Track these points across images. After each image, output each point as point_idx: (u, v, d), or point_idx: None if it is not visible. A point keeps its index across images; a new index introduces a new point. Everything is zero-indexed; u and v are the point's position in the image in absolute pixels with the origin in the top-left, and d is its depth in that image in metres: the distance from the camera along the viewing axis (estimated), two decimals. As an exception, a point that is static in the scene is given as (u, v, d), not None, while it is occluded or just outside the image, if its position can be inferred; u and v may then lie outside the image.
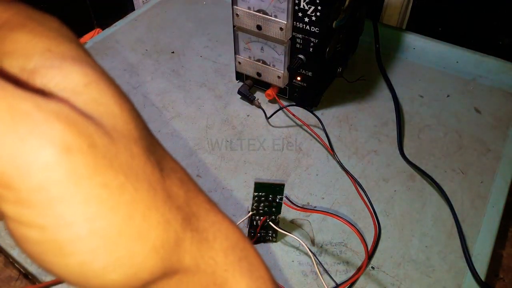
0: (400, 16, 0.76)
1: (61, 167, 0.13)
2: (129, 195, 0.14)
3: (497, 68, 0.66)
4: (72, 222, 0.13)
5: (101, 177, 0.13)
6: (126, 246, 0.14)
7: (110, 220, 0.14)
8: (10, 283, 0.51)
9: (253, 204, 0.42)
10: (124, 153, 0.14)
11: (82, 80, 0.14)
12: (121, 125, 0.15)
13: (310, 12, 0.49)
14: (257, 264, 0.19)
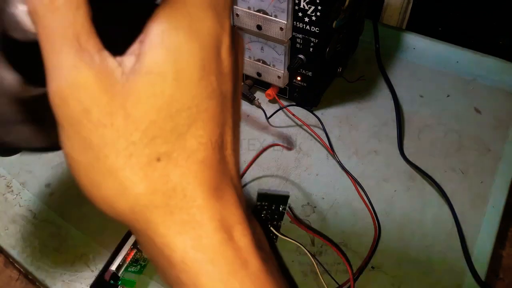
0: (400, 16, 0.76)
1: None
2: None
3: (497, 68, 0.66)
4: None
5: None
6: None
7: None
8: (10, 283, 0.51)
9: (254, 211, 0.42)
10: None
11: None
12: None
13: (310, 12, 0.49)
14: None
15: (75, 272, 0.44)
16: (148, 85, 0.16)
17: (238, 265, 0.18)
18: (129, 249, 0.41)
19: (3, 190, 0.52)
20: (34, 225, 0.48)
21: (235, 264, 0.18)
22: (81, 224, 0.48)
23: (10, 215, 0.49)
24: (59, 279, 0.43)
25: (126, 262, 0.41)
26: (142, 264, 0.41)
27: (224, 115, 0.18)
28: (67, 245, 0.46)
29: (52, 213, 0.49)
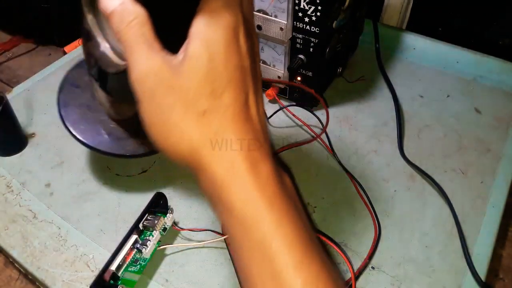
0: (400, 16, 0.76)
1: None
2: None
3: (497, 68, 0.66)
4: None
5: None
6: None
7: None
8: (10, 283, 0.51)
9: None
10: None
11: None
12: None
13: (310, 12, 0.49)
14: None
15: (75, 272, 0.44)
16: (192, 65, 0.25)
17: (258, 186, 0.25)
18: (129, 249, 0.41)
19: (3, 190, 0.52)
20: (34, 225, 0.48)
21: (255, 184, 0.25)
22: (81, 224, 0.48)
23: (10, 215, 0.49)
24: (59, 279, 0.43)
25: (126, 262, 0.41)
26: (142, 264, 0.41)
27: (246, 83, 0.26)
28: (67, 245, 0.46)
29: (52, 213, 0.49)
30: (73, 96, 0.46)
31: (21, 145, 0.57)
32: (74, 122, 0.44)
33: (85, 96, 0.46)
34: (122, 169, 0.54)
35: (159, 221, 0.43)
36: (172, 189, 0.52)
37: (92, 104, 0.45)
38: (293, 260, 0.24)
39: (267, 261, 0.24)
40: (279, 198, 0.26)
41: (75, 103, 0.46)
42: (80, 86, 0.47)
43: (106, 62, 0.37)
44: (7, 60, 0.89)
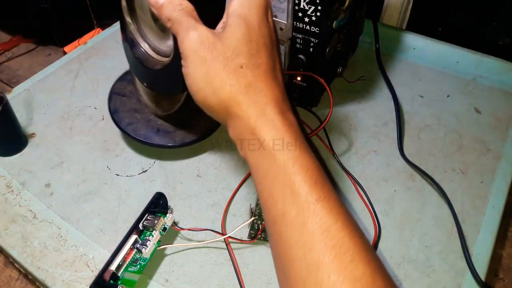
0: (400, 16, 0.76)
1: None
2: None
3: (497, 68, 0.66)
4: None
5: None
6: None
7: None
8: (10, 283, 0.51)
9: (256, 210, 0.42)
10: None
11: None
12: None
13: (310, 12, 0.49)
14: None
15: (75, 272, 0.44)
16: (232, 31, 0.32)
17: (285, 127, 0.31)
18: (129, 249, 0.41)
19: (3, 190, 0.52)
20: (34, 225, 0.48)
21: (283, 126, 0.31)
22: (81, 224, 0.48)
23: (10, 215, 0.49)
24: (59, 279, 0.43)
25: (125, 262, 0.41)
26: (142, 264, 0.41)
27: (274, 52, 0.34)
28: (67, 245, 0.46)
29: (52, 213, 0.49)
30: (120, 103, 0.55)
31: (21, 145, 0.57)
32: (127, 124, 0.53)
33: (131, 102, 0.55)
34: (122, 169, 0.54)
35: (159, 221, 0.43)
36: (172, 189, 0.52)
37: (138, 107, 0.55)
38: (310, 180, 0.29)
39: (287, 182, 0.29)
40: (300, 138, 0.32)
41: (123, 109, 0.54)
42: (125, 95, 0.56)
43: (151, 61, 0.47)
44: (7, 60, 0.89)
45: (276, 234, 0.30)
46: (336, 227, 0.28)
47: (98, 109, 0.62)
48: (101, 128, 0.59)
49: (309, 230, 0.28)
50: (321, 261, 0.26)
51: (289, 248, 0.28)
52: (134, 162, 0.55)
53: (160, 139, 0.52)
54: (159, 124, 0.54)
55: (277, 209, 0.29)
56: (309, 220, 0.28)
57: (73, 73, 0.69)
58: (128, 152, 0.56)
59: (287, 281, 0.28)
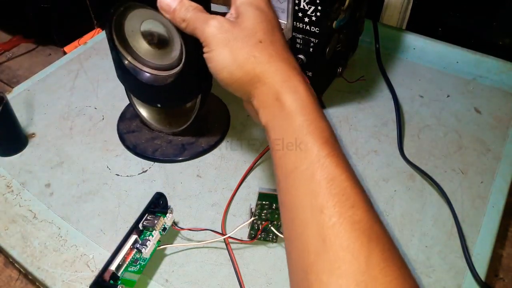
0: (400, 16, 0.76)
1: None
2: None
3: (497, 68, 0.66)
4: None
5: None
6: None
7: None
8: (10, 283, 0.51)
9: (256, 210, 0.42)
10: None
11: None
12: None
13: (310, 12, 0.49)
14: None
15: (75, 272, 0.44)
16: (246, 14, 0.36)
17: (307, 92, 0.34)
18: (129, 249, 0.41)
19: (3, 190, 0.52)
20: (34, 225, 0.48)
21: (306, 91, 0.34)
22: (81, 224, 0.48)
23: (10, 215, 0.49)
24: (59, 279, 0.43)
25: (125, 262, 0.41)
26: (142, 264, 0.41)
27: (281, 31, 0.38)
28: (67, 245, 0.46)
29: (52, 213, 0.49)
30: (135, 138, 0.57)
31: (21, 145, 0.57)
32: (152, 152, 0.55)
33: (144, 134, 0.58)
34: (122, 169, 0.54)
35: (159, 221, 0.43)
36: (172, 189, 0.52)
37: (154, 135, 0.57)
38: (322, 139, 0.32)
39: (303, 139, 0.32)
40: (316, 103, 0.34)
41: (141, 142, 0.57)
42: (134, 130, 0.59)
43: (160, 79, 0.49)
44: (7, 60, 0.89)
45: (286, 187, 0.32)
46: (341, 178, 0.30)
47: (98, 109, 0.62)
48: (101, 128, 0.59)
49: (317, 180, 0.30)
50: (324, 206, 0.29)
51: (297, 197, 0.31)
52: (134, 162, 0.55)
53: (190, 152, 0.55)
54: (180, 140, 0.57)
55: (291, 163, 0.32)
56: (318, 172, 0.30)
57: (73, 73, 0.69)
58: (128, 152, 0.56)
59: (292, 226, 0.31)
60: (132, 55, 0.49)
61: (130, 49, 0.49)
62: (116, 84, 0.65)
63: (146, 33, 0.47)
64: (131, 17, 0.46)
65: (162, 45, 0.47)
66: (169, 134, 0.57)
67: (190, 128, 0.55)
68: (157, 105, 0.52)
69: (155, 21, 0.45)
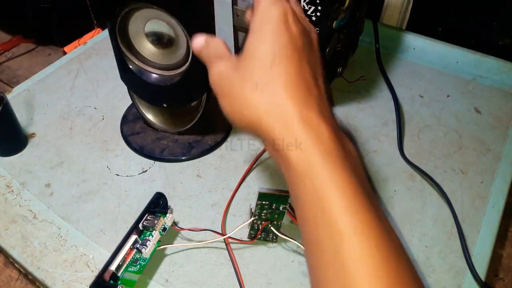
0: (400, 16, 0.76)
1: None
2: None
3: (497, 68, 0.66)
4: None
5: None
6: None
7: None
8: (10, 283, 0.51)
9: (256, 210, 0.42)
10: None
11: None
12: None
13: (310, 12, 0.49)
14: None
15: (75, 272, 0.44)
16: (246, 52, 0.31)
17: (313, 141, 0.29)
18: (129, 249, 0.41)
19: (3, 190, 0.52)
20: (34, 225, 0.48)
21: (309, 140, 0.29)
22: (81, 224, 0.48)
23: (10, 215, 0.49)
24: (59, 279, 0.43)
25: (125, 262, 0.41)
26: (142, 264, 0.41)
27: (300, 58, 0.31)
28: (67, 245, 0.46)
29: (52, 213, 0.49)
30: (141, 140, 0.57)
31: (21, 145, 0.57)
32: (160, 152, 0.55)
33: (149, 135, 0.58)
34: (122, 169, 0.54)
35: (159, 221, 0.43)
36: (172, 189, 0.52)
37: (159, 135, 0.57)
38: (345, 202, 0.27)
39: (319, 205, 0.27)
40: (335, 154, 0.28)
41: (147, 143, 0.57)
42: (139, 132, 0.58)
43: (167, 79, 0.49)
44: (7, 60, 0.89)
45: (310, 257, 0.29)
46: (375, 260, 0.26)
47: (98, 109, 0.62)
48: (101, 128, 0.59)
49: (344, 261, 0.26)
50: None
51: (323, 270, 0.27)
52: (134, 162, 0.55)
53: (198, 149, 0.56)
54: (186, 139, 0.57)
55: (311, 234, 0.28)
56: (345, 251, 0.26)
57: (73, 73, 0.69)
58: (128, 152, 0.56)
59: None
60: (137, 56, 0.49)
61: (135, 50, 0.49)
62: (116, 84, 0.65)
63: (151, 33, 0.47)
64: (135, 18, 0.46)
65: (168, 45, 0.47)
66: (174, 133, 0.57)
67: (195, 127, 0.55)
68: (163, 105, 0.52)
69: (159, 21, 0.45)
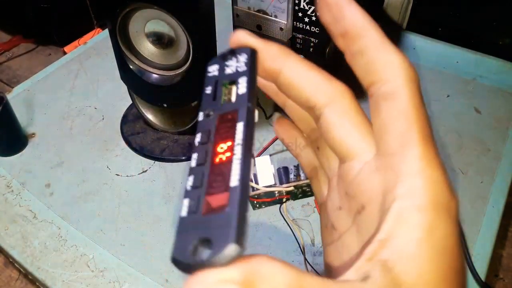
0: (400, 16, 0.76)
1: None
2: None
3: (497, 68, 0.66)
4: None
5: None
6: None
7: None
8: (10, 283, 0.51)
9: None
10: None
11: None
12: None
13: (310, 12, 0.49)
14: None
15: (75, 272, 0.44)
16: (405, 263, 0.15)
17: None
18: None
19: (3, 190, 0.52)
20: (34, 225, 0.48)
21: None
22: (81, 224, 0.48)
23: (10, 215, 0.49)
24: (59, 279, 0.43)
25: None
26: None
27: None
28: (67, 245, 0.46)
29: (52, 213, 0.49)
30: (141, 140, 0.57)
31: (21, 145, 0.57)
32: (160, 152, 0.55)
33: (149, 135, 0.57)
34: (122, 169, 0.54)
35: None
36: (172, 189, 0.52)
37: (159, 135, 0.57)
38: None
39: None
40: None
41: (147, 143, 0.57)
42: (139, 132, 0.58)
43: (167, 79, 0.48)
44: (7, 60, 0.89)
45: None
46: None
47: (98, 109, 0.62)
48: (101, 128, 0.59)
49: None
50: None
51: None
52: (134, 162, 0.55)
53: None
54: (186, 139, 0.57)
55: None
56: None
57: (73, 73, 0.69)
58: (128, 152, 0.56)
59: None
60: (137, 56, 0.49)
61: (135, 50, 0.49)
62: (116, 84, 0.64)
63: (151, 33, 0.47)
64: (136, 18, 0.46)
65: (168, 45, 0.47)
66: (174, 133, 0.57)
67: (195, 127, 0.55)
68: (163, 105, 0.52)
69: (160, 21, 0.45)
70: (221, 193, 0.15)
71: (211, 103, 0.18)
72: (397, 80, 0.18)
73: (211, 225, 0.14)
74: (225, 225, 0.14)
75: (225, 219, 0.14)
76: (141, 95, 0.54)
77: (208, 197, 0.15)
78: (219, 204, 0.15)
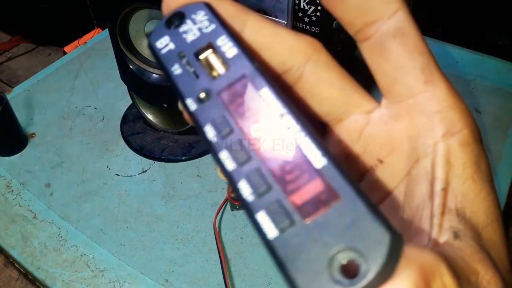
0: (400, 16, 0.76)
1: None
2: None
3: (497, 68, 0.66)
4: None
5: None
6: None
7: None
8: (10, 283, 0.51)
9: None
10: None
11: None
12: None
13: (310, 12, 0.49)
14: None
15: (75, 272, 0.44)
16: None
17: None
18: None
19: (3, 190, 0.52)
20: (34, 225, 0.48)
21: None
22: (81, 224, 0.48)
23: (10, 215, 0.49)
24: (59, 279, 0.43)
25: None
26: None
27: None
28: (67, 245, 0.46)
29: (52, 213, 0.49)
30: (141, 140, 0.57)
31: (21, 145, 0.57)
32: (160, 152, 0.55)
33: (149, 135, 0.57)
34: (122, 169, 0.54)
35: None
36: (172, 189, 0.52)
37: (159, 135, 0.57)
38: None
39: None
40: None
41: (147, 143, 0.57)
42: (139, 132, 0.58)
43: (163, 80, 0.48)
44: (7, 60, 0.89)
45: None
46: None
47: (98, 109, 0.62)
48: (101, 128, 0.59)
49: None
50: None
51: None
52: (134, 162, 0.55)
53: (198, 150, 0.55)
54: (186, 139, 0.57)
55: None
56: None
57: (73, 73, 0.69)
58: (128, 152, 0.56)
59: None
60: (137, 56, 0.49)
61: (135, 50, 0.49)
62: (116, 84, 0.65)
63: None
64: (135, 19, 0.46)
65: None
66: (174, 133, 0.57)
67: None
68: (163, 105, 0.52)
69: (160, 21, 0.45)
70: (308, 183, 0.11)
71: (196, 84, 0.13)
72: (400, 13, 0.16)
73: (333, 230, 0.10)
74: (359, 218, 0.10)
75: (350, 211, 0.10)
76: (140, 95, 0.54)
77: (293, 196, 0.11)
78: (317, 198, 0.11)
